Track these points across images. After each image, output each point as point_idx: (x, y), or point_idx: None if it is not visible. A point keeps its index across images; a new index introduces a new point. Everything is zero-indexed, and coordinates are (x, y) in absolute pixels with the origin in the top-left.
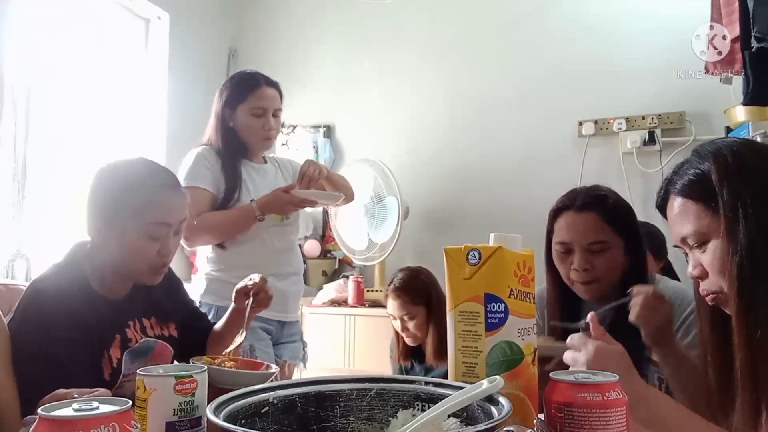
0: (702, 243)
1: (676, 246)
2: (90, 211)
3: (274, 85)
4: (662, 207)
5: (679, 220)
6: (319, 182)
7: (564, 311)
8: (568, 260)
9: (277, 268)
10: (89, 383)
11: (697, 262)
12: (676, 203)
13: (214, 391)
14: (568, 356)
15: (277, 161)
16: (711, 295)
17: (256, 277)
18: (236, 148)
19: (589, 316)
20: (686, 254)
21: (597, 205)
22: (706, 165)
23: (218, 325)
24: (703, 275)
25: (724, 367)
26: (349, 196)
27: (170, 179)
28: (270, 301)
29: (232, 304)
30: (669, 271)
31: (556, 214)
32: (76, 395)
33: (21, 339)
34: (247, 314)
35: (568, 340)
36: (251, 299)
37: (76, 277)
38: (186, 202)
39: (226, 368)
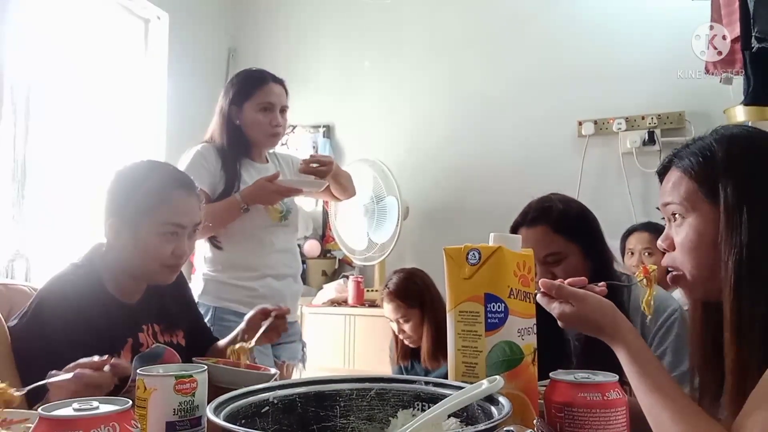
0: (682, 215)
1: (658, 209)
2: (107, 212)
3: (281, 82)
4: (661, 174)
5: (669, 190)
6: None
7: (539, 316)
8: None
9: (275, 269)
10: None
11: (668, 234)
12: (675, 176)
13: (214, 390)
14: (557, 307)
15: (277, 158)
16: (670, 269)
17: (283, 307)
18: (240, 147)
19: (541, 282)
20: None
21: (543, 218)
22: (716, 148)
23: (222, 342)
24: (670, 248)
25: (709, 366)
26: (350, 191)
27: (186, 182)
28: (278, 337)
29: (243, 324)
30: None
31: (514, 230)
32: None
33: (28, 339)
34: (258, 334)
35: (550, 288)
36: (270, 320)
37: (90, 279)
38: (200, 205)
39: (226, 367)
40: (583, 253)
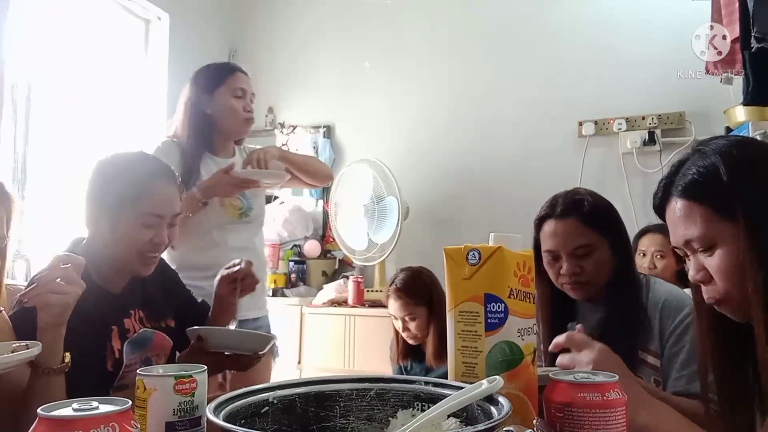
0: (708, 247)
1: (675, 248)
2: (88, 201)
3: (246, 73)
4: (660, 208)
5: (683, 224)
6: (273, 162)
7: (557, 313)
8: (557, 266)
9: None
10: (92, 374)
11: (700, 266)
12: (679, 205)
13: (215, 356)
14: (565, 359)
15: (247, 151)
16: (715, 301)
17: (240, 263)
18: (204, 139)
19: (578, 327)
20: (686, 256)
21: (576, 210)
22: (712, 164)
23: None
24: (707, 280)
25: (726, 372)
26: (320, 174)
27: (165, 171)
28: (256, 284)
29: (215, 293)
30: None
31: (540, 223)
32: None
33: (22, 331)
34: (237, 300)
35: (564, 338)
36: (238, 286)
37: None
38: (179, 196)
39: (228, 329)
40: (611, 248)
